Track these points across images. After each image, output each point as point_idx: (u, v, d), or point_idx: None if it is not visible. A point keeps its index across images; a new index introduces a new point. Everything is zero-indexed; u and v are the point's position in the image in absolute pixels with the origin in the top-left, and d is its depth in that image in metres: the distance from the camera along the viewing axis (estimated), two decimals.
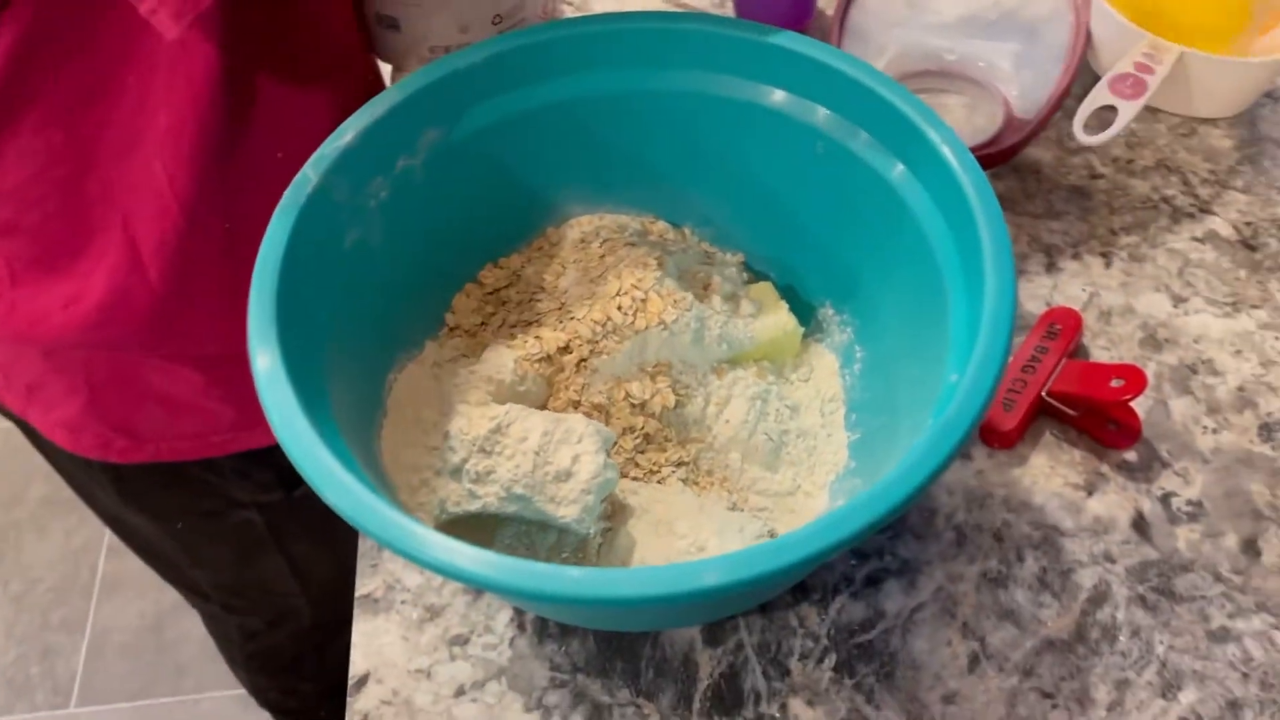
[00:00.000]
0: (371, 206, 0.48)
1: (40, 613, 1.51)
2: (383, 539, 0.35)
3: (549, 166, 0.54)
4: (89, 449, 0.67)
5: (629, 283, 0.50)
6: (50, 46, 0.50)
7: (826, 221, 0.52)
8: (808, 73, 0.49)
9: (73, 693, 1.46)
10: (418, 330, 0.52)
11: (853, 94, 0.48)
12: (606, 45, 0.50)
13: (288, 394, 0.38)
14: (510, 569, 0.34)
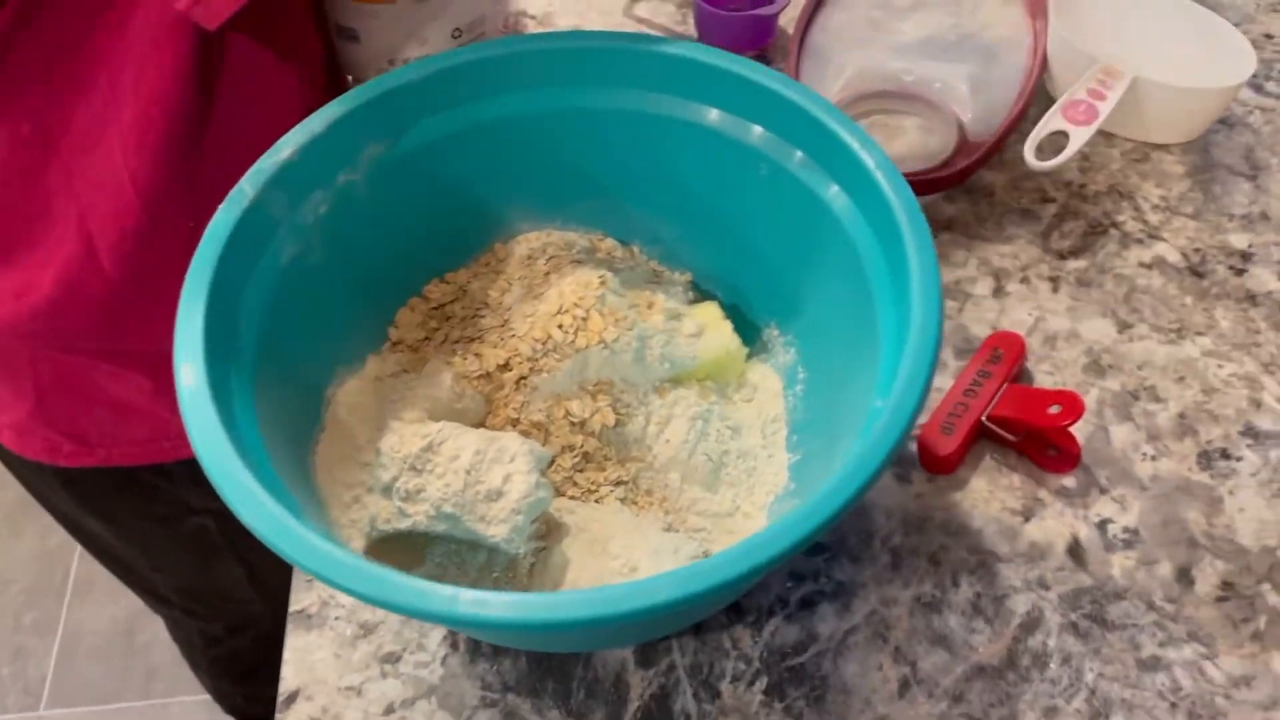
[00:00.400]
0: (310, 222, 0.48)
1: (12, 614, 1.51)
2: (298, 561, 0.35)
3: (496, 182, 0.54)
4: (37, 452, 0.67)
5: (571, 301, 0.50)
6: (26, 39, 0.50)
7: (769, 241, 0.52)
8: (743, 92, 0.49)
9: (43, 695, 1.45)
10: (360, 344, 0.52)
11: (787, 114, 0.48)
12: (548, 64, 0.50)
13: (209, 413, 0.38)
14: (398, 588, 0.34)
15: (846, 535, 0.50)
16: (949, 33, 0.69)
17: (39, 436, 0.67)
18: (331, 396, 0.50)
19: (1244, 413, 0.53)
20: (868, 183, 0.45)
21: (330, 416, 0.49)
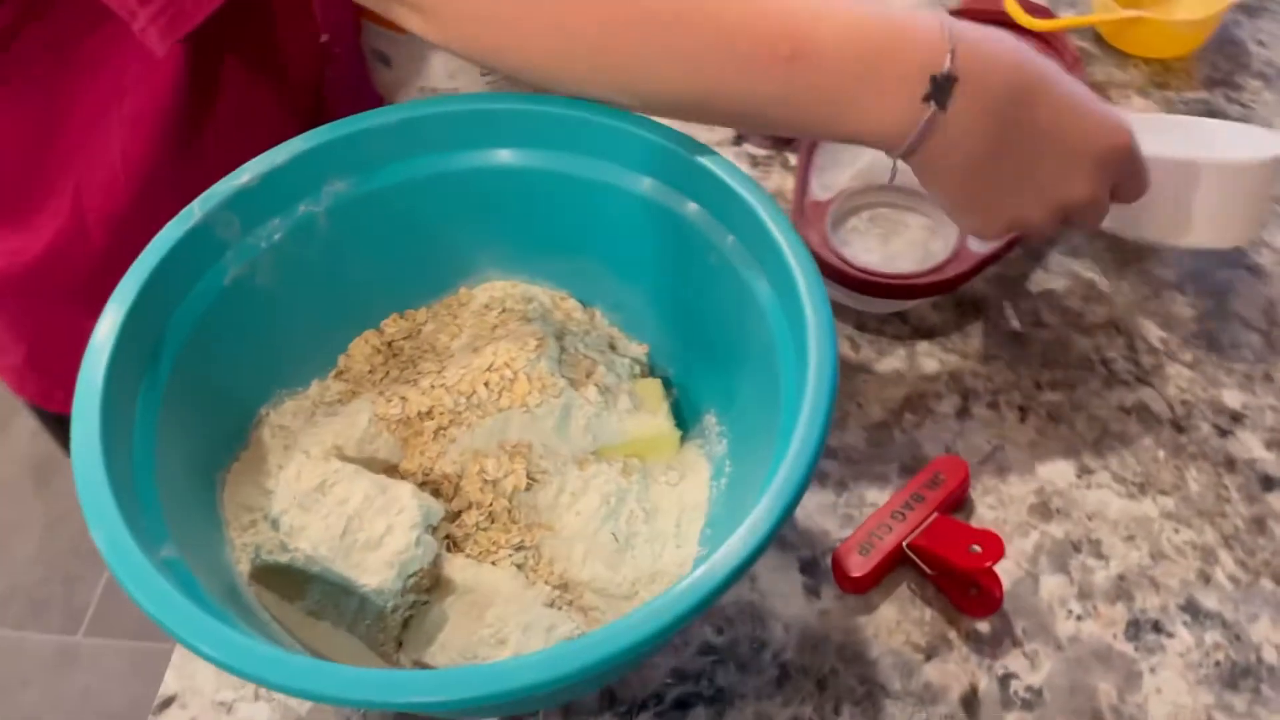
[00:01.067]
0: (263, 247, 0.49)
1: (70, 539, 1.59)
2: (142, 603, 0.36)
3: (466, 228, 0.55)
4: (33, 396, 0.71)
5: (502, 359, 0.50)
6: (45, 28, 0.53)
7: (712, 326, 0.51)
8: (678, 167, 0.49)
9: (84, 622, 1.53)
10: (309, 368, 0.54)
11: (720, 194, 0.47)
12: (516, 123, 0.51)
13: (93, 426, 0.40)
14: (237, 652, 0.35)
15: (739, 640, 0.49)
16: None
17: (32, 381, 0.71)
18: (264, 416, 0.51)
19: (1189, 585, 0.49)
20: (789, 282, 0.44)
21: (254, 436, 0.50)
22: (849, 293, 0.59)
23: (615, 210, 0.52)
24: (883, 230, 0.63)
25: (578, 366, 0.53)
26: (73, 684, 1.45)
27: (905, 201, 0.64)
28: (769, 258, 0.46)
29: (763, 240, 0.46)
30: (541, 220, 0.54)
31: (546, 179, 0.52)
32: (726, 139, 0.69)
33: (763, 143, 0.69)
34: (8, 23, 0.53)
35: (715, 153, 0.48)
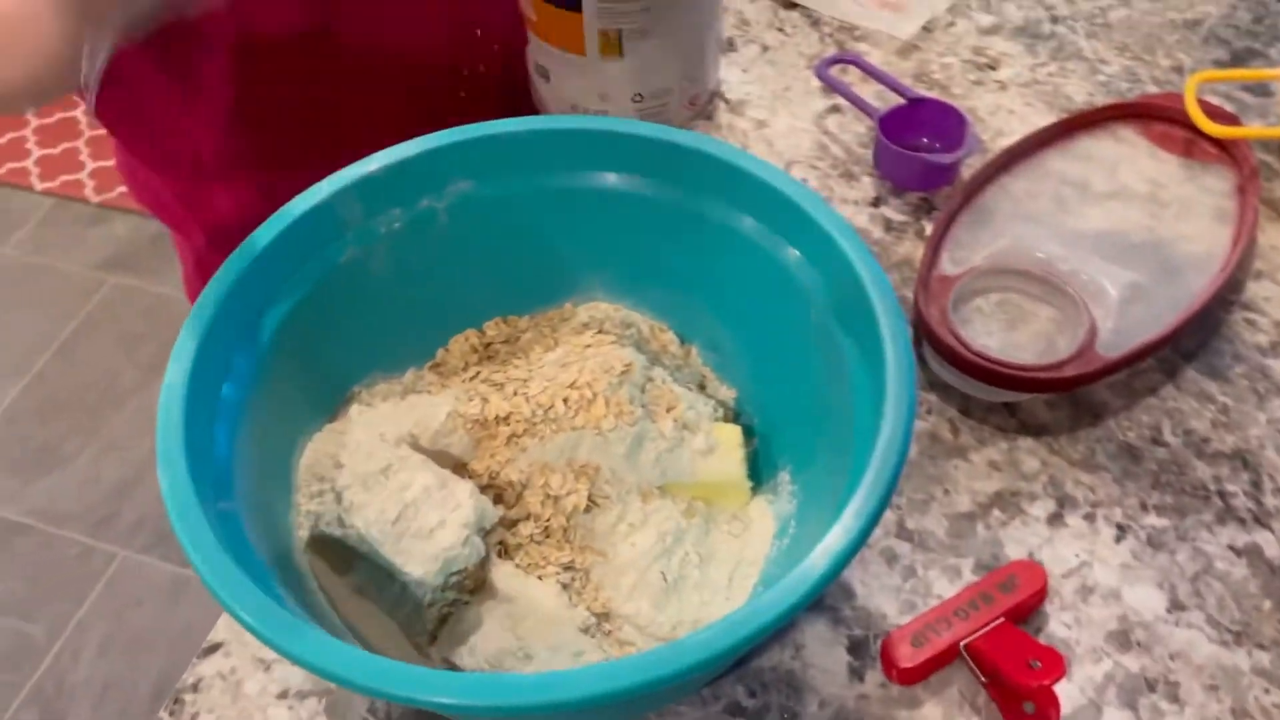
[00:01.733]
0: (382, 233, 0.51)
1: None
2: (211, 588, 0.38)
3: (578, 246, 0.55)
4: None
5: (585, 378, 0.51)
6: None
7: (800, 381, 0.50)
8: (788, 216, 0.48)
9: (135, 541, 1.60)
10: (407, 354, 0.55)
11: (820, 245, 0.47)
12: (637, 150, 0.51)
13: (185, 367, 0.42)
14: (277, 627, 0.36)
15: (770, 707, 0.47)
16: (1136, 233, 0.64)
17: (196, 289, 0.80)
18: (356, 394, 0.53)
19: None
20: (875, 342, 0.43)
21: (342, 410, 0.52)
22: (960, 375, 0.57)
23: (723, 249, 0.52)
24: (1008, 316, 0.60)
25: (660, 399, 0.52)
26: (179, 615, 1.53)
27: (1037, 291, 0.61)
28: (863, 322, 0.45)
29: (859, 303, 0.45)
30: (651, 249, 0.54)
31: (660, 209, 0.52)
32: (865, 199, 0.67)
33: (901, 207, 0.67)
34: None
35: (829, 208, 0.47)
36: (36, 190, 2.06)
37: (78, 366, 1.80)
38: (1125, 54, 0.75)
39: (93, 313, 1.88)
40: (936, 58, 0.75)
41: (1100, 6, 0.78)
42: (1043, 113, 0.72)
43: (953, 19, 0.78)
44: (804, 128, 0.72)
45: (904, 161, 0.66)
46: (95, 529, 1.60)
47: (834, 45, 0.77)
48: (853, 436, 0.44)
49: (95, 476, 1.66)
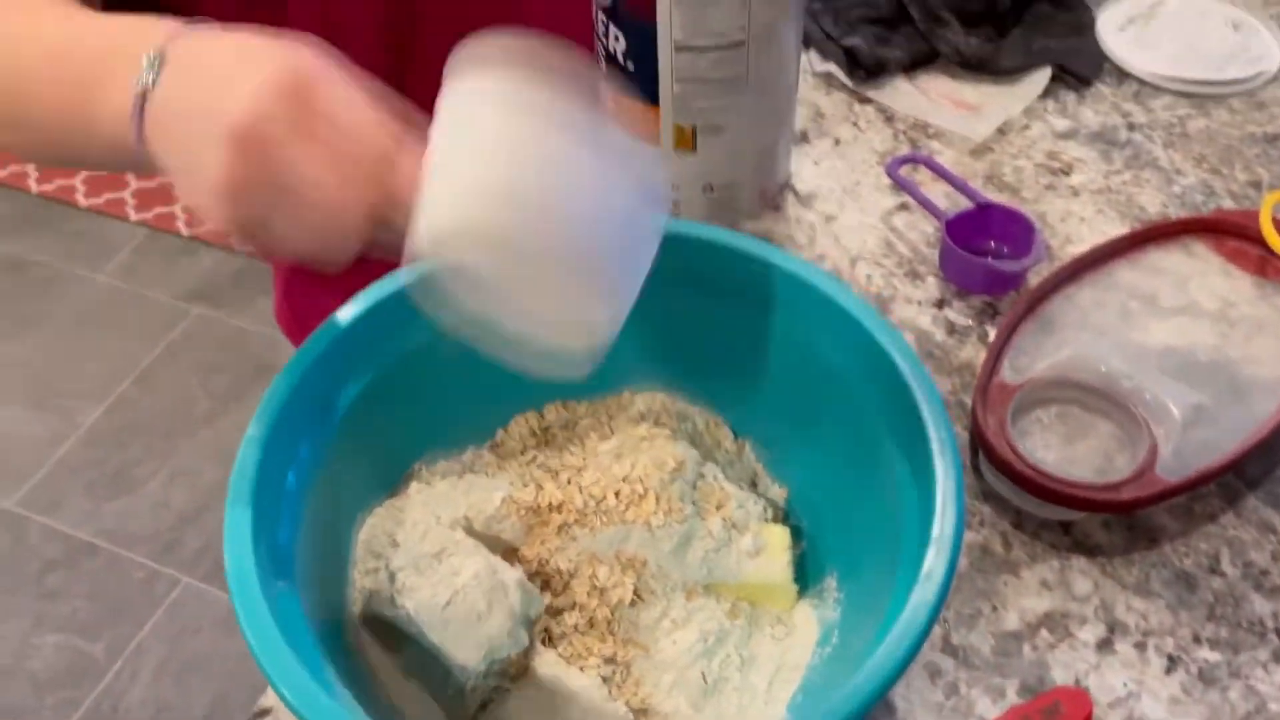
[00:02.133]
0: None
1: None
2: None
3: (638, 338, 0.56)
4: (285, 328, 0.87)
5: (638, 473, 0.52)
6: None
7: (850, 489, 0.51)
8: (842, 326, 0.49)
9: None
10: (468, 432, 0.57)
11: (875, 358, 0.48)
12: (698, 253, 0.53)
13: (257, 450, 0.44)
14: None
15: None
16: (1202, 352, 0.63)
17: (284, 311, 0.86)
18: (417, 470, 0.55)
19: None
20: (926, 461, 0.43)
21: (402, 487, 0.54)
22: (1015, 488, 0.57)
23: (779, 352, 0.53)
24: (1068, 430, 0.60)
25: (711, 496, 0.53)
26: (234, 644, 1.56)
27: (1099, 405, 0.61)
28: (915, 441, 0.45)
29: (911, 422, 0.45)
30: (710, 345, 0.55)
31: (721, 309, 0.54)
32: (929, 300, 0.68)
33: (965, 311, 0.67)
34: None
35: (887, 323, 0.48)
36: (132, 220, 2.15)
37: (156, 393, 1.86)
38: (1202, 166, 0.74)
39: (174, 341, 1.95)
40: (1009, 159, 0.76)
41: (1179, 116, 0.78)
42: (1114, 221, 0.72)
43: (1027, 121, 0.78)
44: (872, 224, 0.72)
45: (969, 266, 0.67)
46: (161, 554, 1.65)
47: (907, 142, 0.77)
48: (900, 552, 0.44)
49: (164, 501, 1.71)
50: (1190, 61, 0.81)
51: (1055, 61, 0.80)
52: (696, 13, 0.59)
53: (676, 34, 0.60)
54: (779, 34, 0.63)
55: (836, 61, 0.81)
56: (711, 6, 0.59)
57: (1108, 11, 0.85)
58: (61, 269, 2.08)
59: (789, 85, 0.68)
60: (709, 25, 0.60)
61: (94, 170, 0.52)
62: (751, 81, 0.64)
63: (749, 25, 0.60)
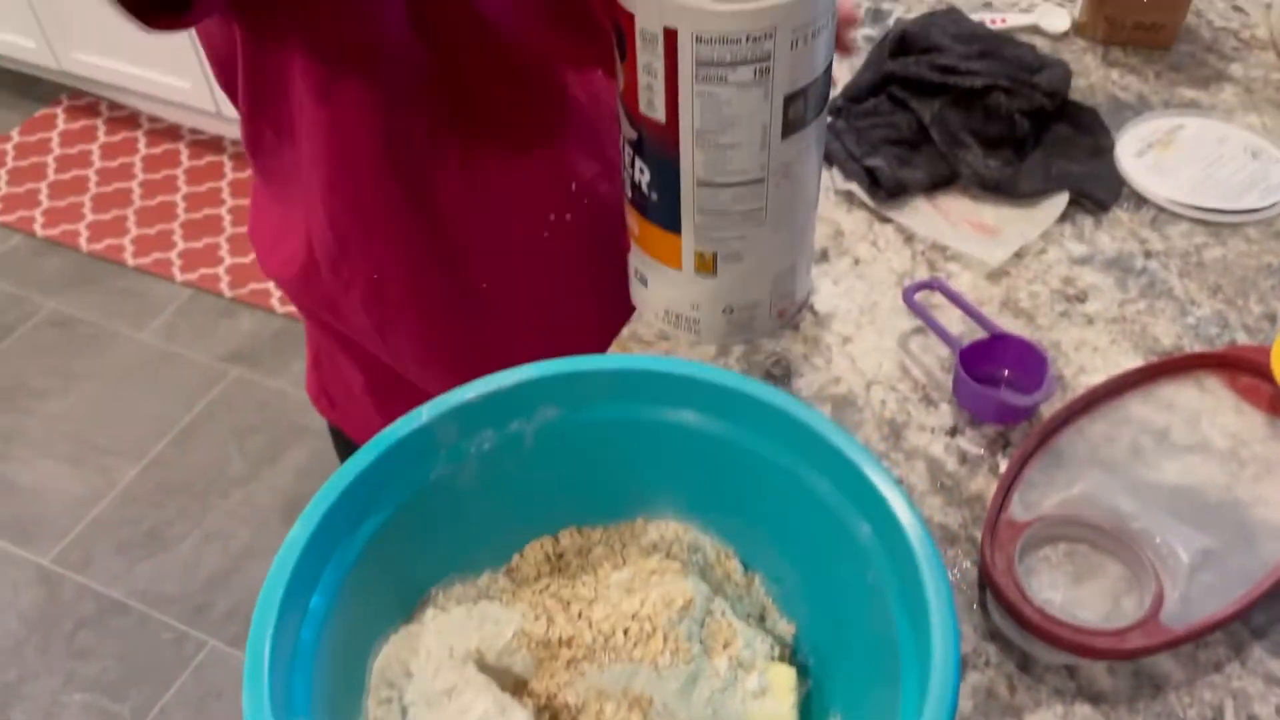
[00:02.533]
0: (472, 452, 0.55)
1: None
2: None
3: (650, 470, 0.58)
4: (314, 397, 0.91)
5: (647, 610, 0.53)
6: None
7: (855, 632, 0.52)
8: (846, 473, 0.51)
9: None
10: (484, 557, 0.59)
11: (877, 507, 0.49)
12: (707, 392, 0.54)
13: (280, 586, 0.46)
14: None
15: None
16: (1213, 492, 0.64)
17: (314, 382, 0.90)
18: (433, 595, 0.57)
19: None
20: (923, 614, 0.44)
21: (418, 612, 0.56)
22: (1017, 628, 0.58)
23: (789, 496, 0.54)
24: (1076, 569, 0.61)
25: (719, 634, 0.54)
26: None
27: (1108, 545, 0.61)
28: (916, 601, 0.46)
29: (913, 583, 0.46)
30: (722, 482, 0.57)
31: (733, 449, 0.55)
32: (942, 427, 0.69)
33: (978, 439, 0.68)
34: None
35: (895, 483, 0.49)
36: (177, 281, 2.21)
37: (191, 453, 1.90)
38: (1217, 296, 0.75)
39: (212, 402, 1.99)
40: (1025, 284, 0.77)
41: (1195, 244, 0.79)
42: (1128, 352, 0.73)
43: (1044, 246, 0.80)
44: (888, 347, 0.74)
45: (982, 397, 0.68)
46: (190, 615, 1.67)
47: (925, 264, 0.79)
48: (898, 700, 0.45)
49: (196, 563, 1.74)
50: (1208, 189, 0.82)
51: (1074, 187, 0.82)
52: (717, 154, 0.62)
53: (698, 171, 0.63)
54: (797, 171, 0.65)
55: (858, 181, 0.83)
56: (732, 149, 0.61)
57: (1126, 136, 0.87)
58: (106, 326, 2.13)
59: (808, 213, 0.70)
60: (729, 165, 0.62)
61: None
62: (771, 213, 0.66)
63: (768, 164, 0.63)
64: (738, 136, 0.61)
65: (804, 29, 0.57)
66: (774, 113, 0.60)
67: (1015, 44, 0.90)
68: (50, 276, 2.24)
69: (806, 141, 0.64)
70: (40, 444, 1.92)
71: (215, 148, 2.49)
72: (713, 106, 0.59)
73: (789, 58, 0.58)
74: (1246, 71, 0.95)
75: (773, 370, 0.73)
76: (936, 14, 0.95)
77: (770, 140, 0.62)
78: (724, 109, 0.59)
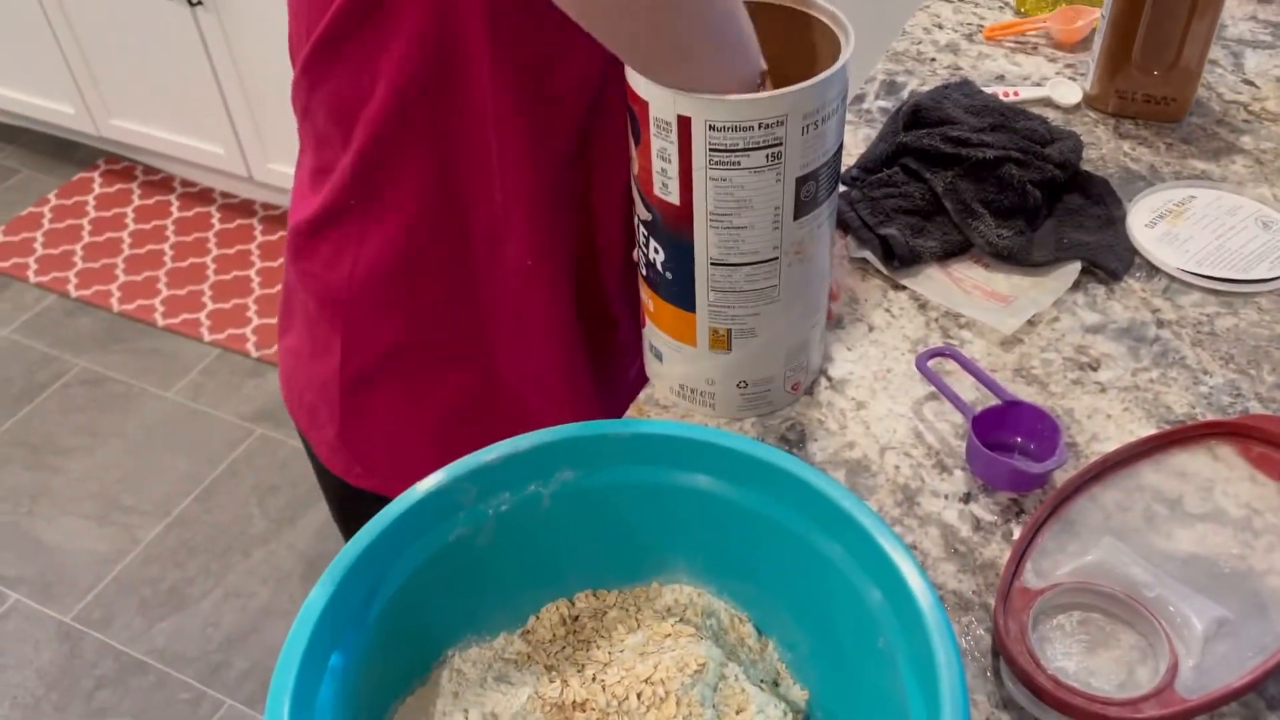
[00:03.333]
0: (490, 514, 0.56)
1: None
2: None
3: (665, 534, 0.59)
4: (340, 471, 0.89)
5: (660, 674, 0.54)
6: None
7: (867, 702, 0.52)
8: (859, 541, 0.51)
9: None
10: (501, 618, 0.59)
11: (888, 576, 0.49)
12: (719, 457, 0.55)
13: (299, 649, 0.47)
14: None
15: None
16: (1226, 561, 0.64)
17: (341, 456, 0.88)
18: (449, 657, 0.57)
19: None
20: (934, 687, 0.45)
21: (435, 674, 0.56)
22: (1031, 697, 0.58)
23: (802, 562, 0.55)
24: (1089, 637, 0.61)
25: (732, 699, 0.55)
26: None
27: (1122, 614, 0.61)
28: (923, 658, 0.47)
29: (925, 654, 0.47)
30: (736, 547, 0.58)
31: (748, 515, 0.56)
32: (956, 494, 0.70)
33: (991, 506, 0.69)
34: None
35: (909, 554, 0.50)
36: (205, 341, 2.25)
37: (214, 512, 1.92)
38: (1229, 366, 0.76)
39: (236, 460, 2.02)
40: (1038, 352, 0.78)
41: (1207, 314, 0.80)
42: (1140, 420, 0.73)
43: (1057, 314, 0.81)
44: (902, 412, 0.75)
45: (994, 465, 0.69)
46: (208, 675, 1.68)
47: (938, 331, 0.80)
48: None
49: (215, 622, 1.75)
50: (1219, 259, 0.83)
51: (1086, 256, 0.83)
52: (730, 235, 0.63)
53: (712, 252, 0.64)
54: (810, 249, 0.66)
55: (872, 249, 0.85)
56: (745, 230, 0.63)
57: (1138, 207, 0.88)
58: (134, 385, 2.17)
59: (820, 288, 0.71)
60: (742, 245, 0.64)
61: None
62: (784, 290, 0.68)
63: (781, 244, 0.64)
64: (750, 218, 0.62)
65: (815, 114, 0.59)
66: (786, 194, 0.62)
67: (1027, 116, 0.92)
68: (82, 336, 2.28)
69: (819, 220, 0.65)
70: (66, 501, 1.95)
71: (246, 211, 2.55)
72: (726, 190, 0.61)
73: (800, 142, 0.60)
74: (1257, 143, 0.97)
75: (787, 435, 0.74)
76: (950, 86, 0.97)
77: (783, 221, 0.63)
78: (737, 192, 0.61)
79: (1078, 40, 1.10)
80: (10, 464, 2.02)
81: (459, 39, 0.66)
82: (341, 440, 0.88)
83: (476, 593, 0.57)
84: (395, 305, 0.79)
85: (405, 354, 0.81)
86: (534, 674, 0.56)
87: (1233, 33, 1.13)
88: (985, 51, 1.11)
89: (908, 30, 1.15)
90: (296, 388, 0.90)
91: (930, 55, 1.11)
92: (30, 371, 2.21)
